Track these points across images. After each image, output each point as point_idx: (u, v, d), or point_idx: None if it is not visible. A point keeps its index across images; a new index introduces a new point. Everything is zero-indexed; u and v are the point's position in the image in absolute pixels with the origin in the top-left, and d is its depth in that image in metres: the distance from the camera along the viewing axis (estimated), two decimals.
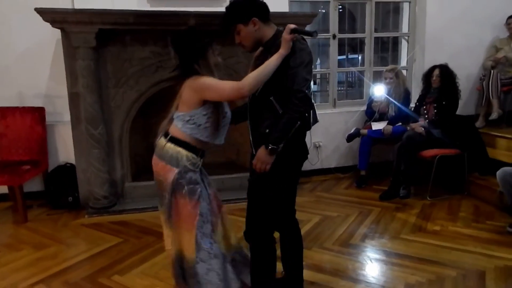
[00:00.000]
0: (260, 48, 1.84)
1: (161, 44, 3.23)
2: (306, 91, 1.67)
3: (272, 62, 1.67)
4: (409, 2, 4.20)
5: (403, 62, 4.41)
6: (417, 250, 2.58)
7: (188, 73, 1.78)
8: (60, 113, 3.52)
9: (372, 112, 3.88)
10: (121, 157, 3.40)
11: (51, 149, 3.52)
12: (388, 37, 4.42)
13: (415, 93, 3.98)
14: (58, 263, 2.50)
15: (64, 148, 3.57)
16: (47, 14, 2.85)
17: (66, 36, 3.04)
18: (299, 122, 1.70)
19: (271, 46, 1.73)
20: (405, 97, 3.77)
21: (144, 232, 2.94)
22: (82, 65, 3.03)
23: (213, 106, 1.76)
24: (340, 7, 4.17)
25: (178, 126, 1.79)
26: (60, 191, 3.37)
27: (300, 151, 1.86)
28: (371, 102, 3.92)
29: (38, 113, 3.35)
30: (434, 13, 4.04)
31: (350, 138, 3.85)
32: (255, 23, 1.74)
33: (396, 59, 4.59)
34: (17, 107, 3.35)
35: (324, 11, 4.51)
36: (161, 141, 1.84)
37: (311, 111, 1.83)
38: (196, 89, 1.72)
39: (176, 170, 1.77)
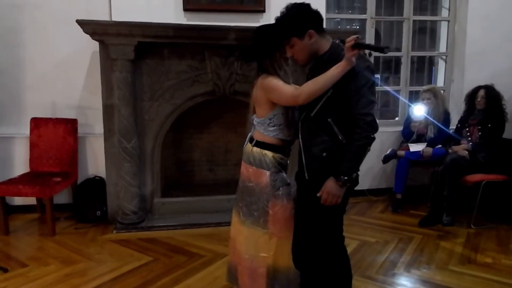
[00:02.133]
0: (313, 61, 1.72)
1: (198, 58, 3.19)
2: (373, 115, 1.56)
3: (332, 75, 1.54)
4: (448, 21, 4.10)
5: (440, 82, 4.27)
6: (470, 284, 2.39)
7: (260, 68, 1.84)
8: (91, 125, 3.49)
9: (410, 133, 3.73)
10: (152, 172, 3.32)
11: (81, 161, 3.46)
12: (424, 57, 4.29)
13: (453, 114, 3.82)
14: (88, 281, 2.40)
15: (93, 160, 3.52)
16: (88, 26, 2.84)
17: (104, 48, 3.03)
18: (369, 148, 1.57)
19: (329, 60, 1.61)
20: (445, 118, 3.62)
21: (175, 251, 2.82)
22: (119, 77, 3.00)
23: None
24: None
25: (261, 131, 1.84)
26: (89, 205, 3.29)
27: (355, 180, 1.71)
28: (408, 122, 3.77)
29: (71, 124, 3.32)
30: (475, 32, 3.92)
31: (386, 159, 3.70)
32: (311, 35, 1.62)
33: (431, 78, 4.46)
34: (50, 118, 3.33)
35: (357, 26, 4.44)
36: (248, 146, 1.90)
37: None
38: (263, 88, 1.79)
39: (268, 173, 1.82)
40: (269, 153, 1.83)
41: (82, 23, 2.83)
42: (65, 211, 3.40)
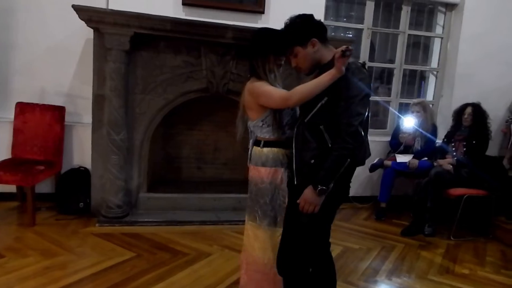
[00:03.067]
0: (317, 70, 1.73)
1: (194, 54, 3.15)
2: (358, 126, 1.54)
3: (322, 81, 1.57)
4: (441, 38, 4.19)
5: (429, 96, 4.37)
6: None
7: (250, 70, 1.87)
8: (79, 114, 3.41)
9: (398, 144, 3.80)
10: (139, 166, 3.26)
11: (66, 150, 3.37)
12: (416, 70, 4.38)
13: (440, 128, 3.91)
14: (68, 274, 2.34)
15: (79, 150, 3.43)
16: (84, 12, 2.76)
17: (99, 37, 2.95)
18: (349, 160, 1.56)
19: (329, 69, 1.61)
20: (432, 132, 3.70)
21: (158, 248, 2.78)
22: (112, 68, 2.93)
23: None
24: None
25: (258, 134, 1.87)
26: (71, 196, 3.21)
27: (344, 189, 1.72)
28: (397, 133, 3.84)
29: (58, 112, 3.22)
30: (466, 50, 4.02)
31: (373, 168, 3.75)
32: (314, 44, 1.65)
33: (420, 92, 4.55)
34: (37, 104, 3.22)
35: (351, 34, 4.49)
36: (257, 149, 1.90)
37: (366, 146, 1.69)
38: (251, 93, 1.82)
39: (282, 169, 1.86)
40: (281, 150, 1.86)
41: (78, 9, 2.75)
42: (46, 201, 3.29)
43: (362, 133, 1.58)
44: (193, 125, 3.76)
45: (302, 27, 1.66)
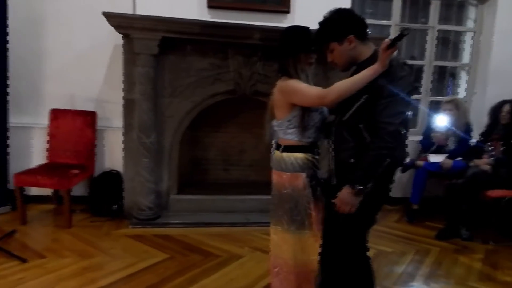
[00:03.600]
0: (354, 67, 1.69)
1: (221, 56, 3.16)
2: (399, 126, 1.48)
3: (363, 77, 1.51)
4: (474, 32, 4.04)
5: (461, 93, 4.21)
6: None
7: (280, 69, 1.82)
8: (109, 118, 3.48)
9: (429, 144, 3.68)
10: (168, 168, 3.30)
11: (98, 154, 3.45)
12: (445, 67, 4.24)
13: (474, 127, 3.76)
14: (105, 275, 2.39)
15: (110, 154, 3.50)
16: (114, 19, 2.82)
17: (128, 42, 3.01)
18: (388, 160, 1.50)
19: (368, 67, 1.56)
20: (467, 131, 3.56)
21: (190, 250, 2.80)
22: (141, 72, 2.98)
23: (302, 107, 1.77)
24: None
25: (281, 135, 1.82)
26: (104, 198, 3.29)
27: (384, 191, 1.67)
28: (428, 132, 3.72)
29: (90, 117, 3.31)
30: (501, 44, 3.86)
31: (404, 168, 3.65)
32: (351, 41, 1.60)
33: (450, 89, 4.40)
34: (69, 110, 3.32)
35: (370, 32, 4.36)
36: (276, 154, 1.86)
37: (406, 147, 1.64)
38: (283, 91, 1.77)
39: (303, 175, 1.81)
40: (299, 155, 1.81)
41: (108, 16, 2.80)
42: (80, 203, 3.39)
43: (404, 133, 1.52)
44: (219, 127, 3.77)
45: (339, 23, 1.61)
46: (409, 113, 1.56)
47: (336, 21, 1.62)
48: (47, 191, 3.35)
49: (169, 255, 2.69)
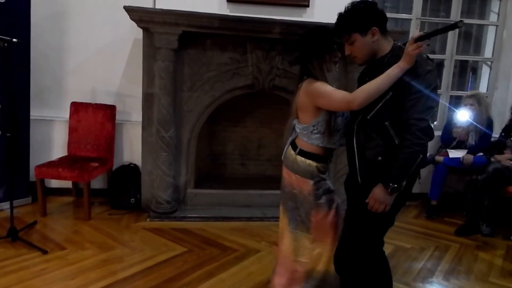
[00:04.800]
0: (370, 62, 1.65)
1: (240, 51, 3.15)
2: (430, 121, 1.47)
3: (390, 76, 1.48)
4: (496, 26, 3.95)
5: (482, 88, 4.13)
6: None
7: (304, 71, 1.79)
8: (128, 112, 3.51)
9: (450, 139, 3.61)
10: (187, 163, 3.32)
11: (117, 148, 3.49)
12: (467, 61, 4.15)
13: (495, 122, 3.68)
14: (124, 268, 2.42)
15: (129, 148, 3.54)
16: (135, 13, 2.83)
17: (148, 36, 3.02)
18: (421, 156, 1.49)
19: (389, 62, 1.53)
20: (488, 126, 3.49)
21: (208, 243, 2.81)
22: (162, 66, 2.99)
23: (329, 112, 1.74)
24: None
25: (304, 139, 1.79)
26: (123, 191, 3.32)
27: (410, 188, 1.64)
28: (449, 127, 3.65)
29: (110, 110, 3.33)
30: None
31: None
32: (374, 33, 1.55)
33: (471, 84, 4.31)
34: (90, 103, 3.35)
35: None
36: (291, 153, 1.85)
37: None
38: (309, 94, 1.73)
39: (311, 182, 1.80)
40: (313, 163, 1.80)
41: (129, 10, 2.81)
42: (99, 196, 3.43)
43: (432, 128, 1.50)
44: (237, 121, 3.77)
45: (365, 13, 1.56)
46: (436, 107, 1.54)
47: (362, 11, 1.57)
48: (67, 184, 3.40)
49: (187, 248, 2.71)
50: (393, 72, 1.48)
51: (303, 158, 1.81)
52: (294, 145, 1.85)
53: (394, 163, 1.49)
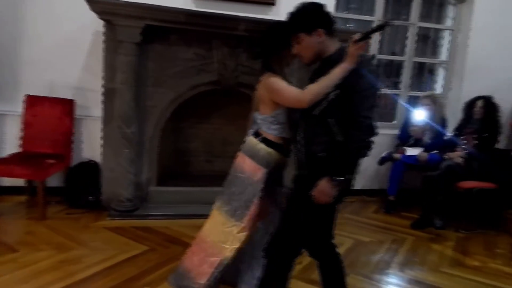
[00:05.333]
0: (319, 62, 1.71)
1: (205, 47, 3.12)
2: (373, 119, 1.55)
3: (335, 75, 1.54)
4: (451, 30, 4.16)
5: (438, 89, 4.35)
6: (460, 286, 2.48)
7: (264, 66, 1.85)
8: (89, 107, 3.37)
9: (407, 137, 3.79)
10: (149, 159, 3.25)
11: (75, 144, 3.34)
12: (425, 63, 4.36)
13: (449, 122, 3.90)
14: (83, 268, 2.33)
15: (89, 144, 3.40)
16: (97, 4, 2.72)
17: (110, 29, 2.91)
18: (366, 152, 1.58)
19: (335, 62, 1.58)
20: (442, 125, 3.69)
21: (171, 241, 2.78)
22: (124, 60, 2.90)
23: None
24: None
25: (264, 129, 1.85)
26: (81, 189, 3.19)
27: (351, 182, 1.69)
28: (406, 126, 3.82)
29: (68, 105, 3.19)
30: (477, 43, 4.00)
31: (382, 161, 3.75)
32: (320, 34, 1.61)
33: (428, 85, 4.53)
34: (47, 97, 3.18)
35: (351, 26, 4.39)
36: (252, 140, 1.89)
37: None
38: (266, 88, 1.80)
39: (265, 171, 1.84)
40: (273, 153, 1.85)
41: (90, 1, 2.70)
42: (56, 195, 3.27)
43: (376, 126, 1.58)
44: (203, 118, 3.73)
45: (311, 14, 1.62)
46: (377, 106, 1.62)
47: (308, 12, 1.63)
48: (19, 182, 3.22)
49: (150, 247, 2.66)
50: (337, 71, 1.54)
51: (265, 146, 1.85)
52: (256, 134, 1.89)
53: (339, 157, 1.56)
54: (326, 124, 1.59)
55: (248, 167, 1.87)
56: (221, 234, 1.93)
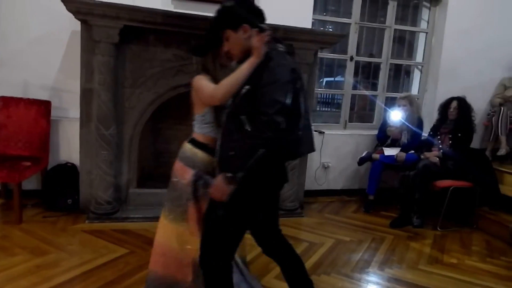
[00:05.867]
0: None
1: (184, 48, 3.10)
2: (274, 115, 1.41)
3: (242, 70, 1.51)
4: (426, 33, 4.28)
5: (414, 90, 4.46)
6: (438, 283, 2.53)
7: (203, 67, 1.84)
8: (65, 108, 3.31)
9: (385, 137, 3.87)
10: (128, 161, 3.21)
11: (52, 146, 3.27)
12: (401, 65, 4.47)
13: (425, 122, 4.00)
14: (60, 272, 2.28)
15: (66, 146, 3.34)
16: (72, 4, 2.67)
17: (87, 29, 2.86)
18: (262, 151, 1.41)
19: (265, 58, 1.52)
20: (419, 126, 3.78)
21: (151, 244, 2.59)
22: (101, 61, 2.86)
23: None
24: None
25: (196, 129, 1.83)
26: (59, 192, 3.12)
27: (269, 181, 1.61)
28: (384, 127, 3.90)
29: (44, 106, 3.12)
30: (451, 46, 4.13)
31: (362, 161, 3.82)
32: (245, 30, 1.55)
33: (405, 86, 4.64)
34: (21, 98, 3.11)
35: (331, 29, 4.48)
36: (185, 143, 1.87)
37: (299, 139, 1.60)
38: (194, 87, 1.79)
39: (192, 172, 1.79)
40: (199, 153, 1.80)
41: (65, 1, 2.65)
42: (32, 197, 3.20)
43: (281, 122, 1.42)
44: (182, 119, 3.69)
45: (235, 10, 1.58)
46: (288, 101, 1.46)
47: (232, 9, 1.59)
48: None
49: (129, 250, 2.62)
50: (245, 66, 1.51)
51: (191, 146, 1.82)
52: (189, 138, 1.87)
53: (235, 154, 1.47)
54: (239, 121, 1.50)
55: (178, 170, 1.83)
56: (179, 239, 1.87)
